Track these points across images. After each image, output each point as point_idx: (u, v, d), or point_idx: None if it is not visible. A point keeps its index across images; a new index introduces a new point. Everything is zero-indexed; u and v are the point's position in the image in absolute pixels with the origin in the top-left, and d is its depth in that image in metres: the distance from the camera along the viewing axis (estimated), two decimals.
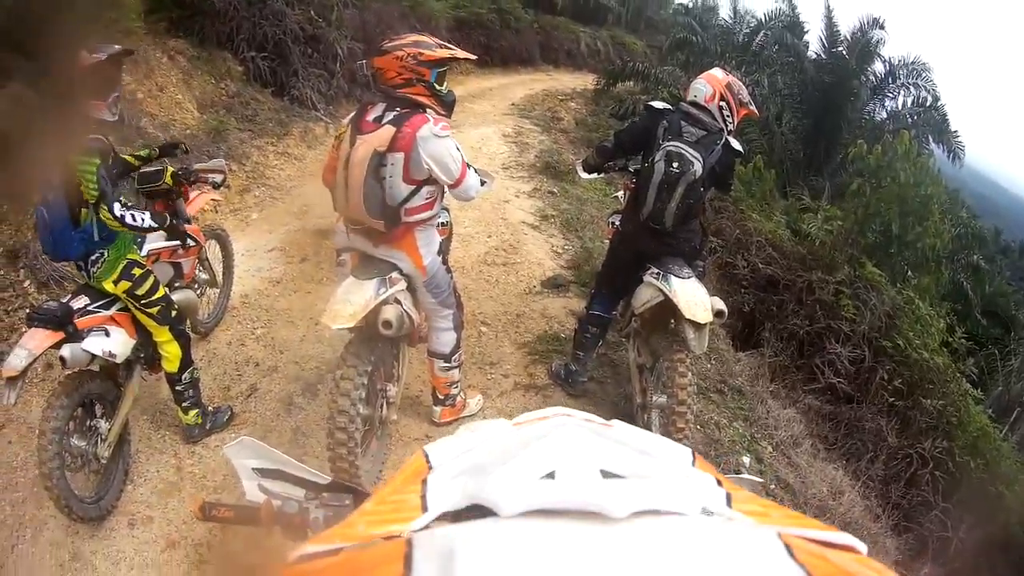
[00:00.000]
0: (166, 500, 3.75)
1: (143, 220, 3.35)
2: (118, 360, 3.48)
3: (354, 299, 3.32)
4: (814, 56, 15.26)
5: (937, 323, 9.38)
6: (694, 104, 3.94)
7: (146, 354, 3.82)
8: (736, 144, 3.94)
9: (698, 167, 3.72)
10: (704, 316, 3.69)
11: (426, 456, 0.76)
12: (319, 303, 5.31)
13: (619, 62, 16.83)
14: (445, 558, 0.45)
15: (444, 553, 0.45)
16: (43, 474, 3.15)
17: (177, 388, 3.91)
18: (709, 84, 3.94)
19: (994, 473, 8.65)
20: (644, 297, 3.99)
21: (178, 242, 4.15)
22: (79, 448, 3.41)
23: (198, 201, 4.58)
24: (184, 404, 3.97)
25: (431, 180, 3.36)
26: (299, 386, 4.67)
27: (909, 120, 14.61)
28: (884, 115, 15.33)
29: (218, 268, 5.04)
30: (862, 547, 0.54)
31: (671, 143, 3.77)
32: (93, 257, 3.41)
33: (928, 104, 14.86)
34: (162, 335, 3.72)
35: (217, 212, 6.62)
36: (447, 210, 3.94)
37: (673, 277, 3.81)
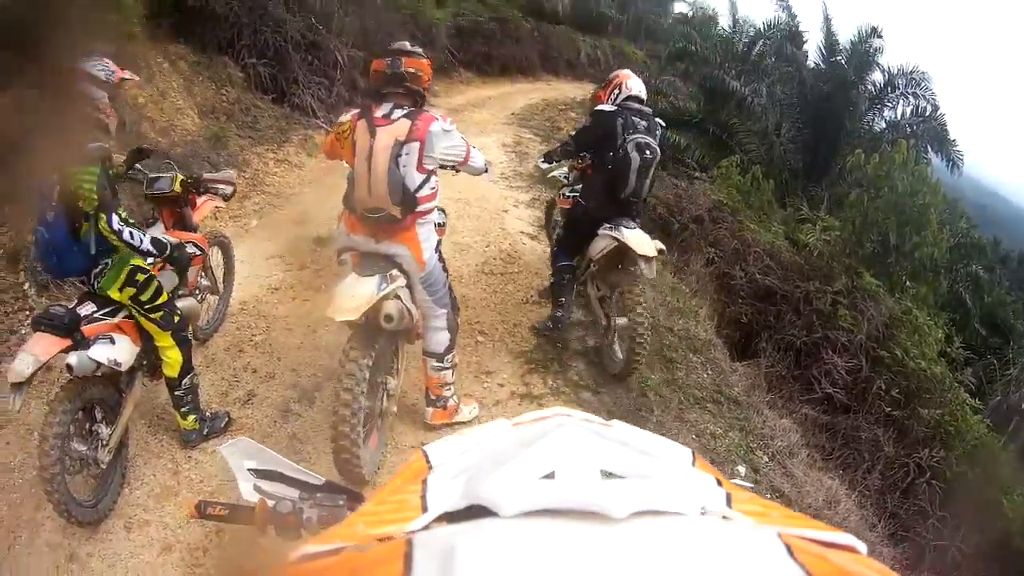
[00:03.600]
0: (163, 504, 3.75)
1: (141, 241, 3.40)
2: (123, 368, 3.47)
3: (357, 294, 3.49)
4: (813, 65, 15.32)
5: (935, 333, 9.39)
6: (635, 99, 4.90)
7: (148, 361, 3.83)
8: (661, 121, 5.00)
9: (658, 151, 4.80)
10: (651, 251, 4.65)
11: (426, 456, 0.76)
12: (317, 311, 5.32)
13: None
14: (445, 558, 0.45)
15: (444, 553, 0.46)
16: (44, 479, 3.15)
17: (176, 393, 3.90)
18: (640, 81, 5.04)
19: (992, 481, 8.66)
20: (600, 246, 4.93)
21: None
22: (79, 452, 3.40)
23: (204, 208, 4.59)
24: (183, 409, 3.95)
25: (435, 172, 3.67)
26: (296, 393, 4.68)
27: (908, 129, 14.62)
28: (883, 124, 15.38)
29: (219, 274, 5.05)
30: (862, 547, 0.54)
31: (636, 136, 4.72)
32: (96, 270, 3.41)
33: (927, 113, 14.88)
34: (164, 341, 3.72)
35: (217, 218, 6.62)
36: (443, 211, 4.16)
37: (624, 228, 4.75)
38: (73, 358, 3.24)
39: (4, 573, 3.38)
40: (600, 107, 4.95)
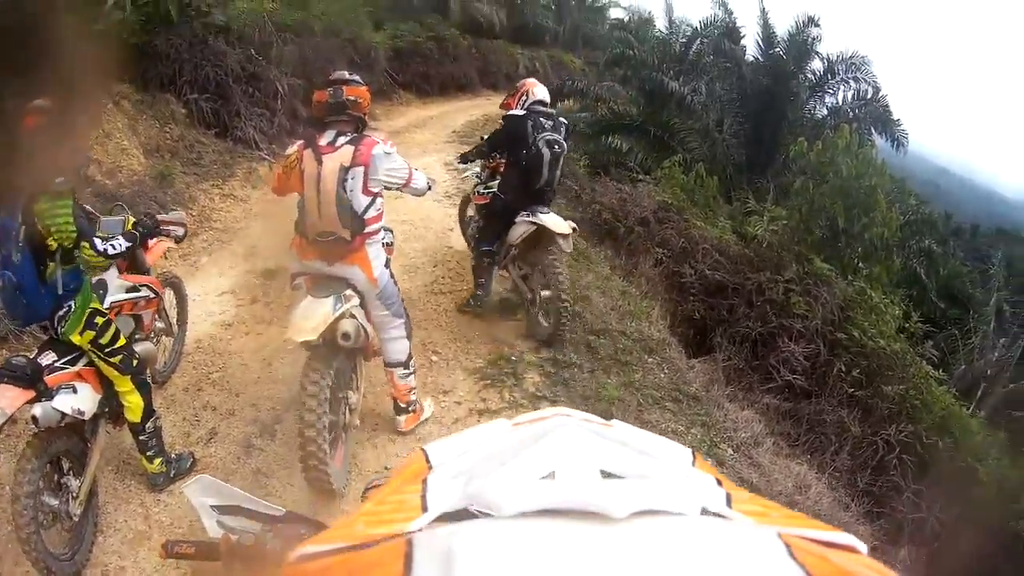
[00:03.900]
0: (136, 550, 3.72)
1: (121, 244, 3.52)
2: (86, 417, 3.45)
3: (314, 314, 3.67)
4: (752, 59, 15.53)
5: (892, 310, 9.54)
6: (540, 103, 5.54)
7: (110, 408, 3.79)
8: (565, 120, 5.72)
9: (565, 146, 5.45)
10: (566, 229, 5.36)
11: (426, 456, 0.76)
12: (271, 344, 5.45)
13: (558, 81, 16.92)
14: (445, 558, 0.45)
15: (444, 553, 0.46)
16: (21, 539, 3.14)
17: (141, 438, 3.88)
18: (544, 87, 5.74)
19: (964, 449, 8.78)
20: (520, 231, 5.47)
21: (140, 294, 4.13)
22: (51, 506, 3.37)
23: (156, 250, 4.58)
24: (148, 453, 3.94)
25: (380, 194, 3.87)
26: (257, 428, 4.68)
27: (850, 114, 14.83)
28: (824, 111, 15.57)
29: (172, 315, 5.02)
30: (862, 547, 0.54)
31: (545, 134, 5.32)
32: (61, 312, 3.38)
33: (869, 96, 15.14)
34: (124, 385, 3.69)
35: (167, 258, 6.53)
36: (390, 231, 4.39)
37: (540, 214, 5.37)
38: (38, 409, 3.21)
39: None
40: (511, 112, 5.60)
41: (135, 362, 3.75)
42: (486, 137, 6.06)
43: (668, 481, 0.61)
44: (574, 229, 5.55)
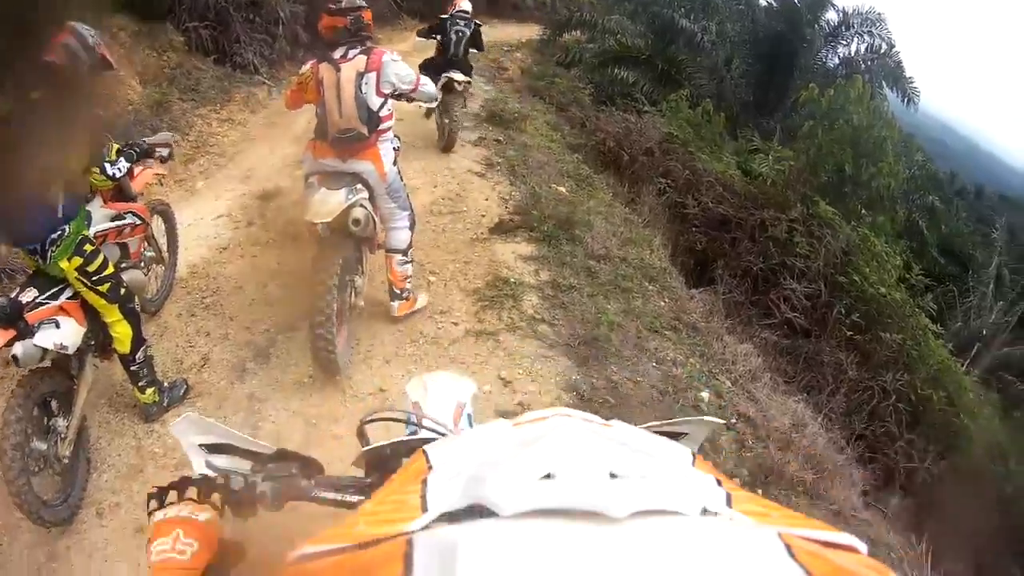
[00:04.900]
0: (130, 484, 3.72)
1: (124, 166, 3.69)
2: (70, 351, 3.41)
3: (329, 202, 4.11)
4: (766, 3, 15.36)
5: (893, 259, 9.53)
6: (463, 11, 8.09)
7: (97, 340, 3.75)
8: (477, 21, 8.33)
9: (467, 32, 8.05)
10: (463, 79, 7.80)
11: (426, 456, 0.77)
12: (266, 266, 5.48)
13: (566, 12, 16.73)
14: (445, 558, 0.46)
15: (444, 553, 0.47)
16: (11, 492, 3.11)
17: (132, 368, 3.85)
18: (469, 2, 8.24)
19: (957, 406, 8.82)
20: (440, 82, 7.13)
21: (125, 221, 4.04)
22: (40, 451, 3.35)
23: (142, 177, 4.46)
24: (140, 384, 3.92)
25: (390, 96, 4.37)
26: (251, 351, 4.68)
27: (863, 66, 14.68)
28: (836, 61, 15.42)
29: (163, 243, 4.98)
30: (862, 547, 0.55)
31: (456, 25, 7.98)
32: (55, 236, 3.32)
33: (882, 51, 14.98)
34: (112, 315, 3.65)
35: (163, 185, 6.50)
36: (398, 137, 4.75)
37: (452, 72, 7.72)
38: (18, 348, 3.17)
39: None
40: (441, 16, 8.17)
41: (123, 291, 3.69)
42: (426, 26, 8.51)
43: (668, 481, 0.62)
44: (468, 82, 8.09)
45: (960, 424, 8.58)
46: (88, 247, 3.46)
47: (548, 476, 0.59)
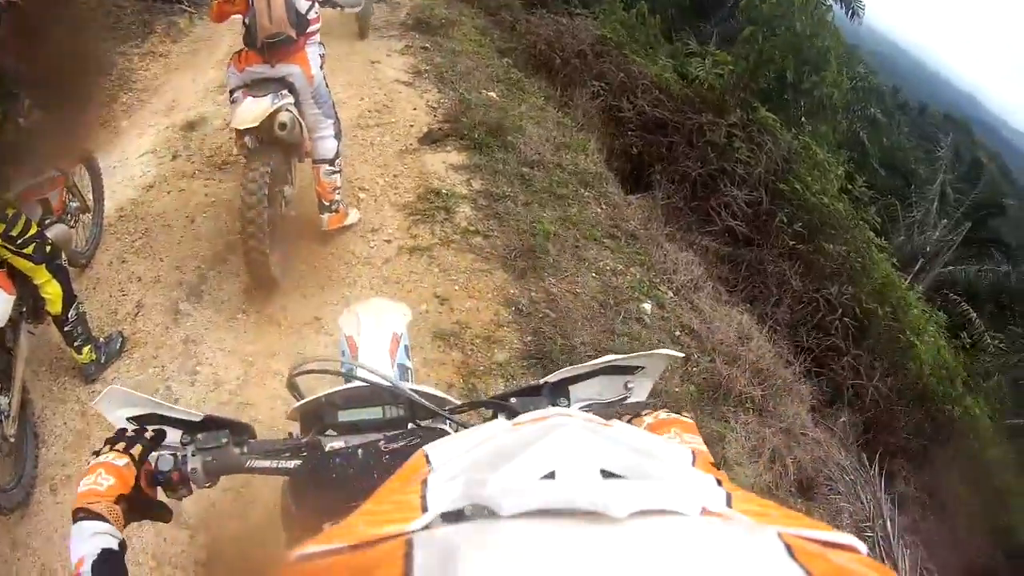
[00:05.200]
0: (79, 453, 3.72)
1: None
2: (1, 324, 3.36)
3: (255, 108, 4.24)
4: None
5: (835, 169, 9.81)
6: None
7: (28, 306, 3.72)
8: None
9: None
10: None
11: (426, 456, 0.78)
12: (193, 199, 5.47)
13: None
14: (445, 558, 0.47)
15: (444, 553, 0.48)
16: None
17: (66, 328, 3.84)
18: None
19: (902, 322, 9.21)
20: None
21: (41, 177, 4.00)
22: None
23: None
24: (76, 343, 3.90)
25: (316, 1, 4.56)
26: (183, 291, 4.69)
27: None
28: None
29: (87, 192, 4.90)
30: (862, 547, 0.56)
31: None
32: None
33: None
34: (40, 276, 3.61)
35: None
36: (323, 44, 4.86)
37: None
38: None
39: None
40: None
41: (48, 248, 3.64)
42: None
43: (668, 481, 0.64)
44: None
45: (905, 340, 8.96)
46: (9, 211, 3.40)
47: (548, 476, 0.62)
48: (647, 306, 5.38)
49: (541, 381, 1.52)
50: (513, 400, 1.47)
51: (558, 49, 9.17)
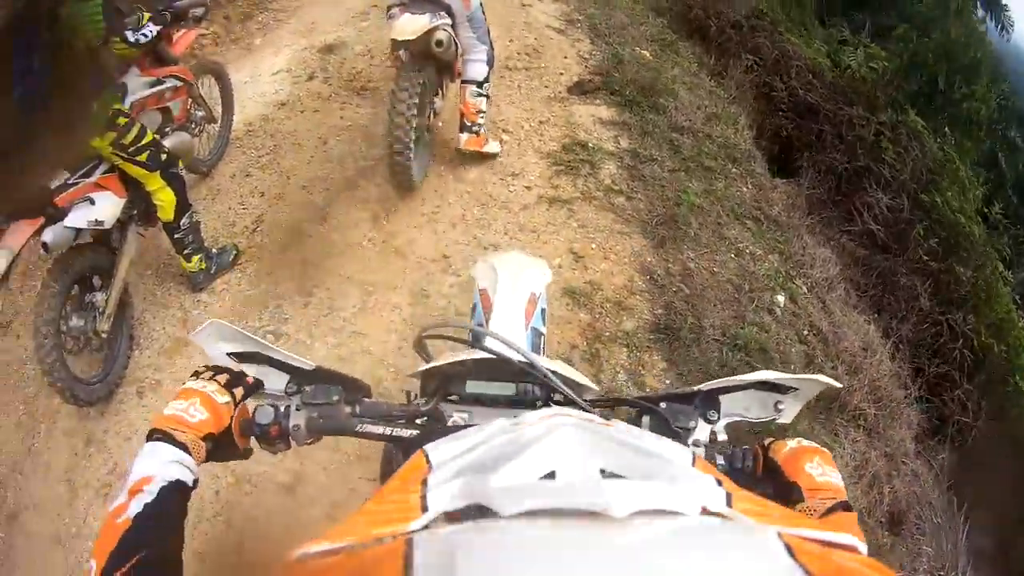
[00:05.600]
0: (174, 359, 3.77)
1: (151, 30, 3.58)
2: (107, 226, 3.49)
3: (415, 23, 4.29)
4: None
5: (975, 189, 9.34)
6: None
7: (140, 210, 3.86)
8: None
9: None
10: None
11: (426, 456, 0.79)
12: (327, 121, 5.49)
13: None
14: (445, 558, 0.48)
15: (444, 553, 0.49)
16: (43, 370, 3.24)
17: (176, 236, 3.96)
18: None
19: (1014, 364, 8.69)
20: None
21: (164, 86, 4.07)
22: (78, 328, 3.49)
23: (183, 40, 4.51)
24: (186, 251, 4.03)
25: None
26: (307, 212, 4.72)
27: None
28: None
29: (214, 102, 4.97)
30: (862, 547, 0.62)
31: None
32: None
33: None
34: (154, 183, 3.72)
35: (218, 45, 6.60)
36: None
37: None
38: (48, 235, 3.21)
39: (27, 473, 3.46)
40: None
41: (164, 156, 3.72)
42: None
43: (668, 481, 0.65)
44: None
45: (1014, 386, 8.42)
46: (121, 120, 3.47)
47: (548, 476, 0.65)
48: (780, 298, 5.14)
49: (694, 388, 1.41)
50: (663, 406, 1.35)
51: (713, 16, 8.90)
